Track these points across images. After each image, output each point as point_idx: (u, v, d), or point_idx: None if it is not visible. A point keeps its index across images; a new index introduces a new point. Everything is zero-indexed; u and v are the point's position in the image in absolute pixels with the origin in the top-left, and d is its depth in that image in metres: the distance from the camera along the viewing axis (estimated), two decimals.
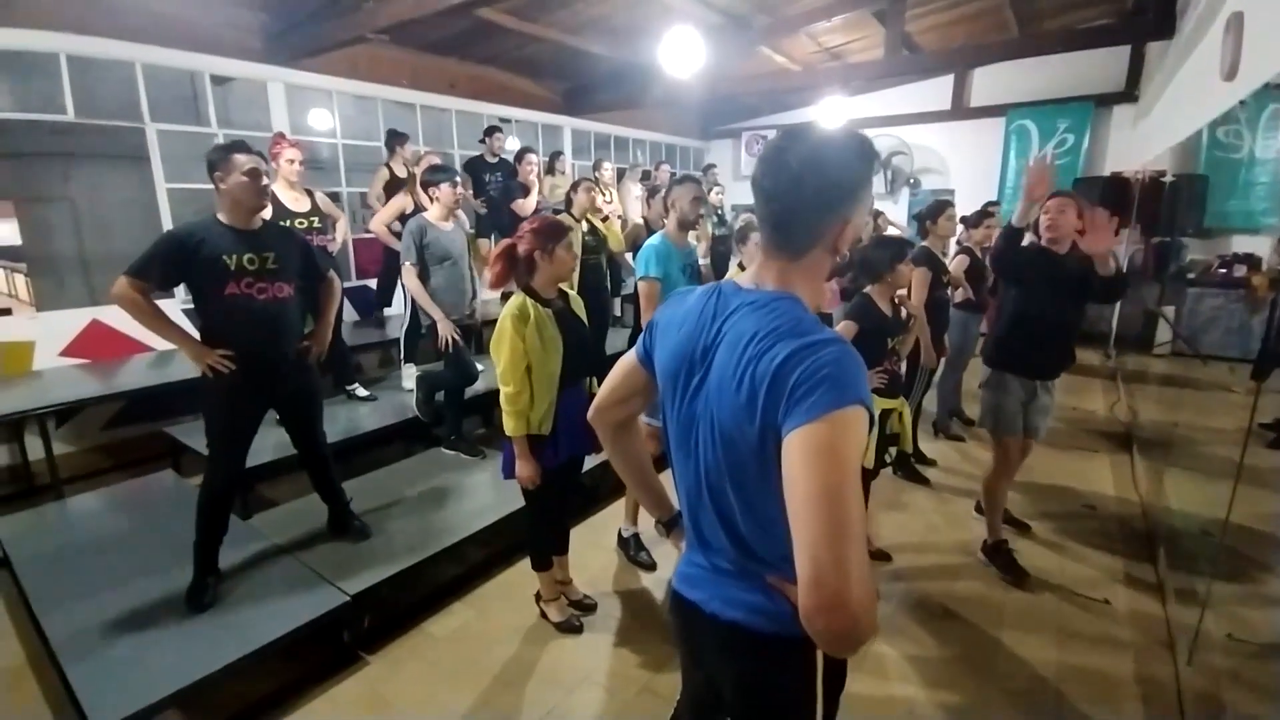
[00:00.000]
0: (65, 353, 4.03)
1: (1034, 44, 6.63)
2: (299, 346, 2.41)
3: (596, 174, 5.72)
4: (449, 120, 6.30)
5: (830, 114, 8.06)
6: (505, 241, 2.19)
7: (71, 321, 4.09)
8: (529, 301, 2.12)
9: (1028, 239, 2.77)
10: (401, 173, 4.84)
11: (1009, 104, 7.80)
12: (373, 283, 5.34)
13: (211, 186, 2.21)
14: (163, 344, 4.37)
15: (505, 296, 2.26)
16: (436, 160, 4.37)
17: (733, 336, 0.90)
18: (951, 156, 8.40)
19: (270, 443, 3.14)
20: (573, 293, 2.37)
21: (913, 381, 3.51)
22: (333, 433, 3.45)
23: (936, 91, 8.22)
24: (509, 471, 2.23)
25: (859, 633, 0.72)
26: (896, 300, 2.64)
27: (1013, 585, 2.71)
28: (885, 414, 2.61)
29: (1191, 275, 6.57)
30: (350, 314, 5.27)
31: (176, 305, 4.32)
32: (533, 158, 5.06)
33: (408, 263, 3.31)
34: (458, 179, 3.49)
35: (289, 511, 3.00)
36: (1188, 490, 3.40)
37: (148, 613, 2.22)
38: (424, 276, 3.36)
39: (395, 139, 4.90)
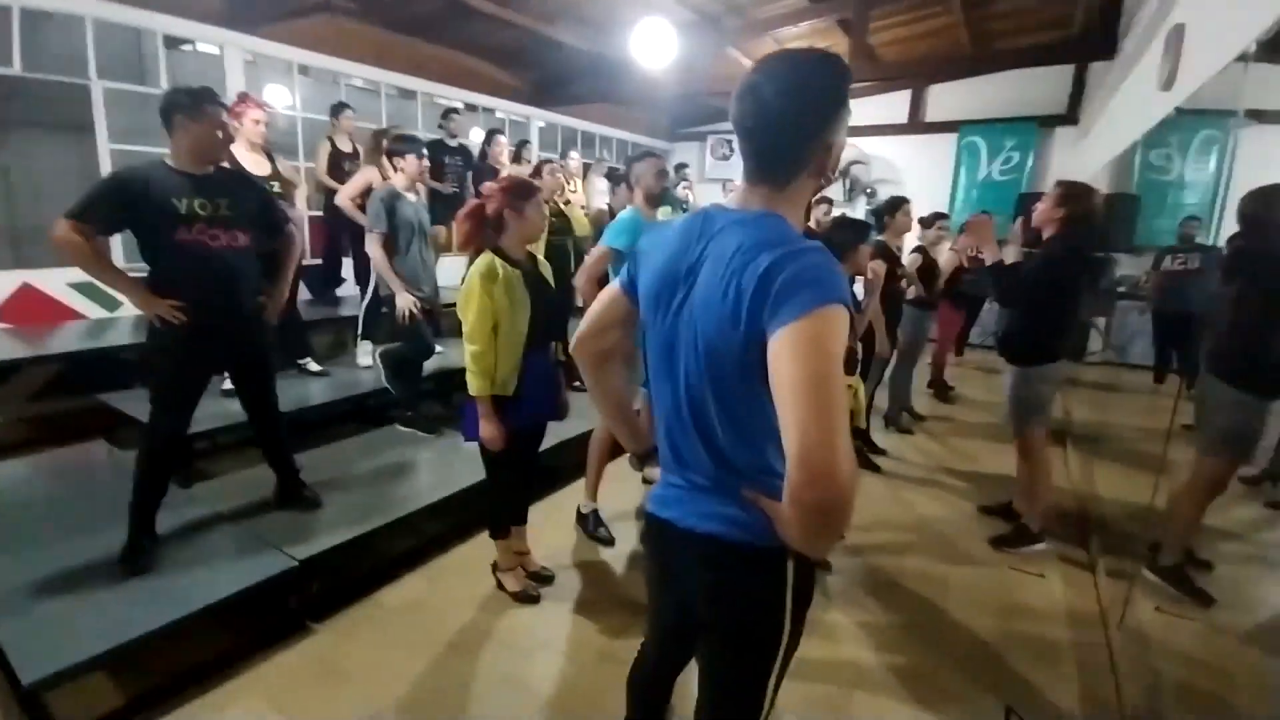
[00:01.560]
0: None
1: (986, 60, 6.96)
2: (255, 303, 2.33)
3: (563, 163, 5.70)
4: (414, 103, 6.20)
5: None
6: (474, 201, 2.17)
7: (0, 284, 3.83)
8: (497, 260, 2.10)
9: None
10: (345, 146, 4.69)
11: (961, 120, 8.18)
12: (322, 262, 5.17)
13: (160, 139, 2.11)
14: (98, 311, 4.15)
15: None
16: (402, 131, 4.27)
17: (718, 251, 0.92)
18: (907, 168, 8.71)
19: (213, 411, 3.03)
20: (540, 257, 2.36)
21: (868, 365, 3.62)
22: (284, 403, 3.35)
23: (895, 105, 8.57)
24: (471, 433, 2.20)
25: (844, 509, 0.75)
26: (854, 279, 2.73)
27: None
28: None
29: (1121, 289, 7.00)
30: (304, 292, 5.10)
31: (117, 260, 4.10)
32: (502, 139, 5.02)
33: (376, 231, 3.23)
34: (424, 151, 3.44)
35: (233, 481, 2.89)
36: (1116, 481, 3.62)
37: (80, 575, 2.10)
38: (390, 247, 3.28)
39: (336, 110, 4.73)
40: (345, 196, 4.10)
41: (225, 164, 2.29)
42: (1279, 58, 2.43)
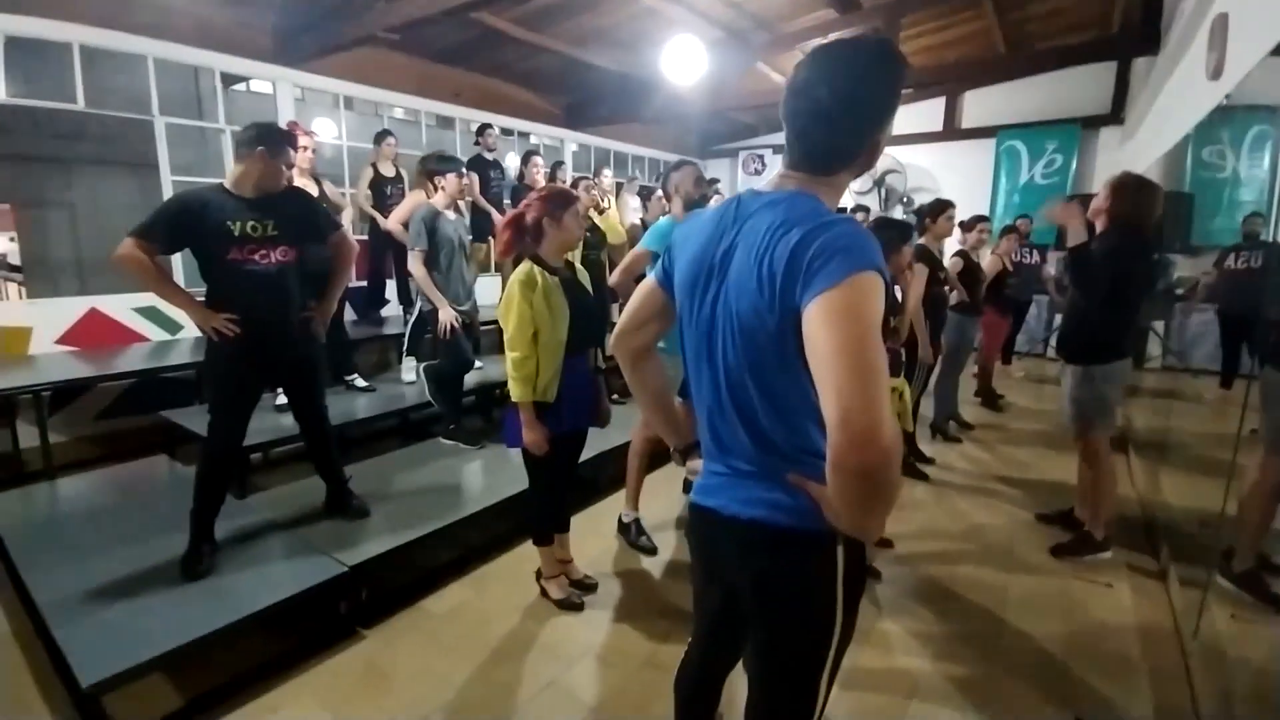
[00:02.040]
0: (62, 340, 4.00)
1: (1023, 63, 6.84)
2: (303, 314, 2.42)
3: (597, 179, 5.79)
4: (452, 131, 6.41)
5: None
6: (513, 210, 2.22)
7: (69, 309, 4.07)
8: (536, 269, 2.13)
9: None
10: (388, 171, 4.86)
11: (999, 125, 8.04)
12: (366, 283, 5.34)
13: (216, 172, 2.26)
14: (160, 333, 4.36)
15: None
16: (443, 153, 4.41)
17: (751, 233, 0.92)
18: (944, 175, 8.57)
19: (266, 425, 3.14)
20: (579, 265, 2.39)
21: (912, 370, 3.53)
22: (331, 419, 3.45)
23: (929, 113, 8.49)
24: (514, 440, 2.22)
25: (890, 472, 0.73)
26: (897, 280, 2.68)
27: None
28: None
29: (1180, 291, 6.69)
30: (349, 313, 5.27)
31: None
32: (538, 160, 5.14)
33: (416, 249, 3.32)
34: (464, 170, 3.54)
35: (286, 492, 2.97)
36: (1184, 488, 3.43)
37: (139, 581, 2.18)
38: (430, 264, 3.38)
39: (380, 138, 4.93)
40: (395, 221, 4.22)
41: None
42: None
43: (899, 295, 2.73)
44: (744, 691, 1.10)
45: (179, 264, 3.76)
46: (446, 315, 3.36)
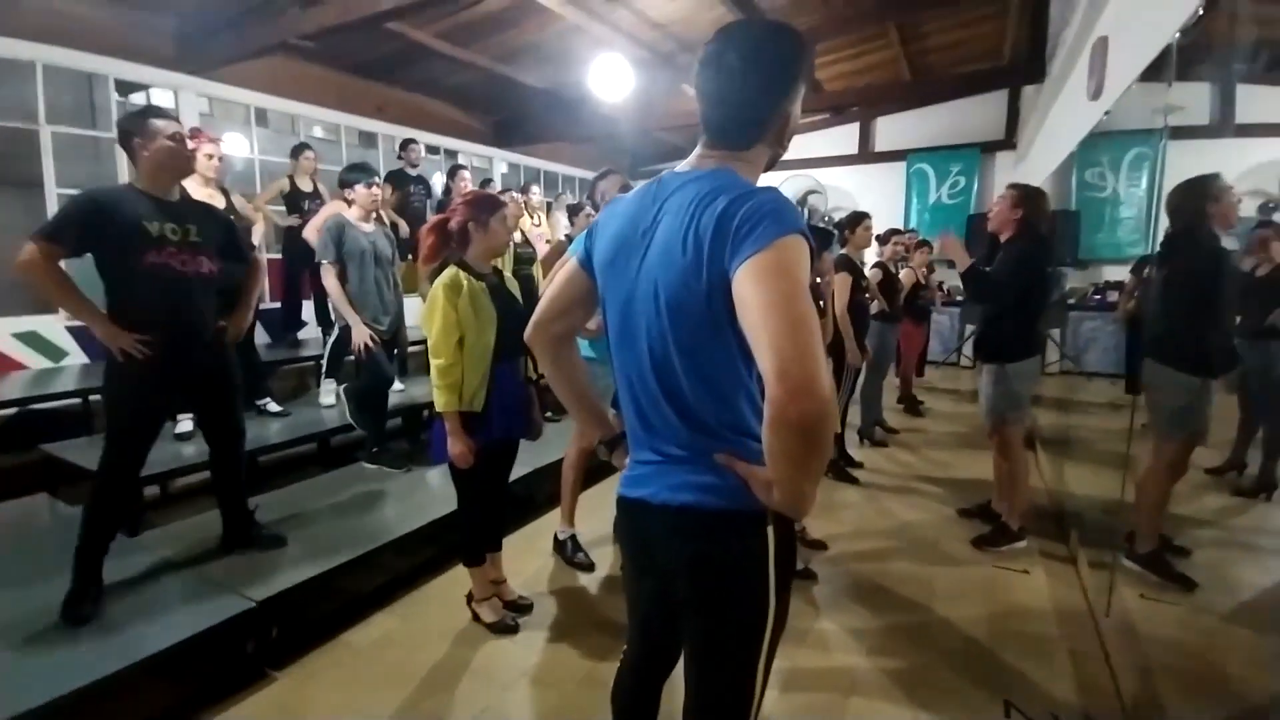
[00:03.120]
0: None
1: (926, 90, 7.36)
2: (215, 328, 2.24)
3: (526, 197, 5.73)
4: (376, 146, 6.22)
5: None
6: (438, 215, 2.14)
7: None
8: (461, 273, 2.06)
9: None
10: (305, 185, 4.63)
11: (908, 149, 8.61)
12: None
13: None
14: (42, 360, 3.96)
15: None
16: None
17: (674, 206, 0.92)
18: (862, 196, 9.02)
19: (165, 455, 2.88)
20: (507, 272, 2.33)
21: (839, 375, 3.64)
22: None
23: (845, 137, 9.01)
24: (440, 453, 2.12)
25: (827, 423, 0.73)
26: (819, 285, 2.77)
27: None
28: None
29: (1071, 301, 7.29)
30: (262, 336, 4.95)
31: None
32: (465, 173, 5.04)
33: (325, 261, 3.16)
34: (375, 180, 3.40)
35: (185, 527, 2.70)
36: (1087, 479, 3.67)
37: (17, 628, 1.92)
38: (343, 277, 3.22)
39: (297, 151, 4.68)
40: (311, 230, 4.01)
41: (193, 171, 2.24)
42: (1194, 75, 2.64)
43: (822, 303, 2.81)
44: (682, 701, 1.06)
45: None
46: (360, 334, 3.20)
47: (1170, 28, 2.03)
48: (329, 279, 3.18)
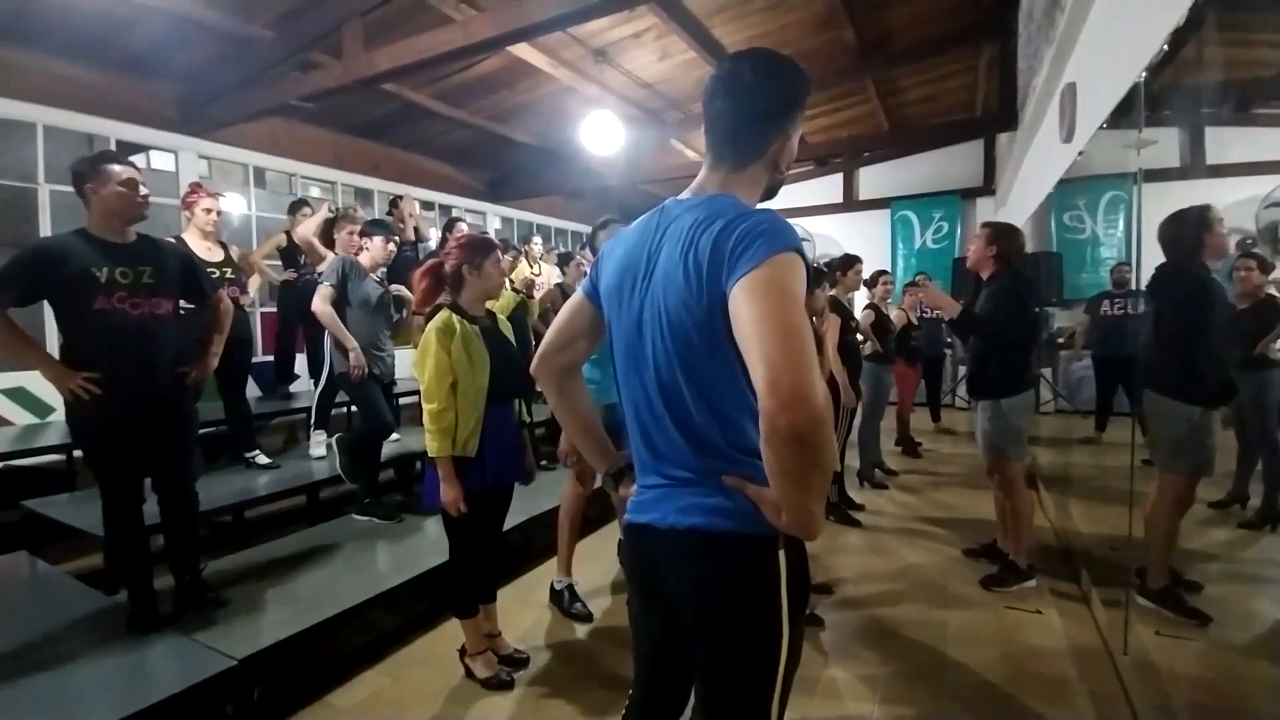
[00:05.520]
0: None
1: (904, 140, 7.68)
2: (177, 371, 2.20)
3: (526, 248, 5.83)
4: (371, 203, 6.34)
5: None
6: (431, 259, 2.16)
7: None
8: (454, 316, 2.06)
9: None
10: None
11: (891, 197, 8.90)
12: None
13: None
14: (27, 416, 3.89)
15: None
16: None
17: (675, 233, 0.94)
18: (848, 242, 9.21)
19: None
20: (501, 316, 2.33)
21: (836, 415, 3.62)
22: (226, 495, 3.13)
23: (830, 187, 9.32)
24: (432, 499, 2.06)
25: (822, 434, 0.71)
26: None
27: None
28: None
29: (1060, 340, 7.37)
30: (254, 389, 4.90)
31: None
32: (463, 225, 5.11)
33: (326, 284, 3.14)
34: (395, 240, 3.45)
35: (161, 583, 2.58)
36: (1092, 516, 3.61)
37: None
38: (339, 309, 3.18)
39: (295, 207, 4.74)
40: (307, 230, 3.99)
41: (146, 217, 2.21)
42: (1164, 120, 2.76)
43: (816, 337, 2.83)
44: None
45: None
46: (357, 359, 3.13)
47: (1135, 69, 2.12)
48: (323, 304, 3.12)
